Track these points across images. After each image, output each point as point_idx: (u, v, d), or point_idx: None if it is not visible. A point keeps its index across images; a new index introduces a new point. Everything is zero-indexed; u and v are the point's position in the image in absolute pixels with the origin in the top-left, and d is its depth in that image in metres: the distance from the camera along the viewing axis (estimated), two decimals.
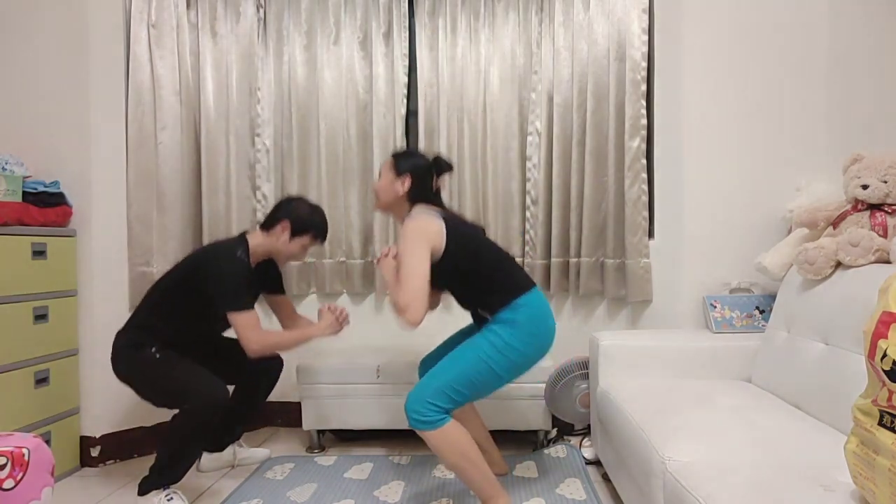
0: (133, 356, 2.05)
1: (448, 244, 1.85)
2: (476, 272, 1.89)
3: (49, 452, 1.28)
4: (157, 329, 2.06)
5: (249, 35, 2.79)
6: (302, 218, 2.15)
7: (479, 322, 1.99)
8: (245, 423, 2.38)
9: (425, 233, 1.84)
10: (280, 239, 2.14)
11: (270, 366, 2.31)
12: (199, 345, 2.17)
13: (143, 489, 1.98)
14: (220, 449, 2.37)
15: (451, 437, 1.77)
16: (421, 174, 1.99)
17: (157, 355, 2.03)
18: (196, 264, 2.06)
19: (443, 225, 1.87)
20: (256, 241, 2.15)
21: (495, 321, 1.86)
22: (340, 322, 2.17)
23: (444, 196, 2.08)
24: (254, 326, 1.99)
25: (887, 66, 2.03)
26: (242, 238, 2.14)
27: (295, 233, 2.14)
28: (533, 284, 1.93)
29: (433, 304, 2.10)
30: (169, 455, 1.96)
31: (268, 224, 2.16)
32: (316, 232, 2.19)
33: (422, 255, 1.80)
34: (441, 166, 2.04)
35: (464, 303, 2.03)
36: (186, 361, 2.03)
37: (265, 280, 2.29)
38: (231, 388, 2.25)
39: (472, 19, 2.77)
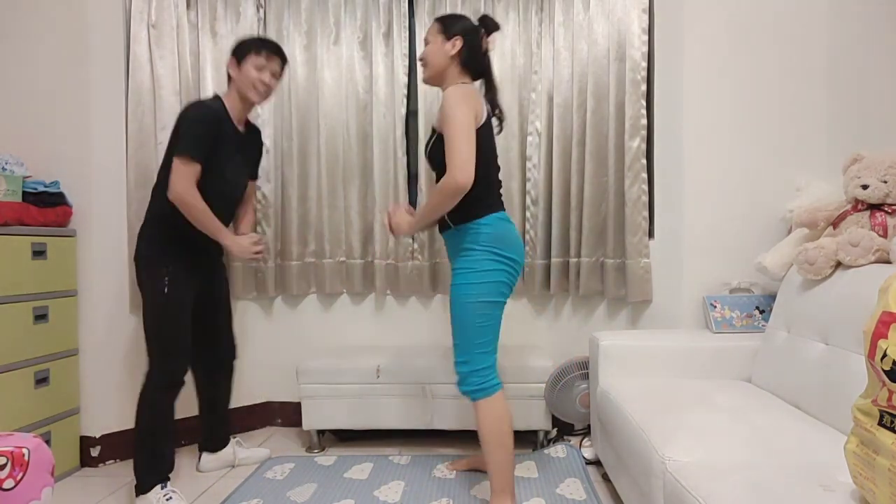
0: (149, 274, 2.06)
1: (480, 129, 1.83)
2: (477, 169, 1.82)
3: (49, 452, 1.28)
4: (171, 217, 2.04)
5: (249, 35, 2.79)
6: (241, 43, 2.16)
7: (441, 228, 1.97)
8: (218, 414, 2.38)
9: (470, 99, 1.80)
10: (235, 77, 2.14)
11: (225, 356, 2.36)
12: (205, 280, 2.21)
13: (139, 489, 1.99)
14: (217, 447, 2.38)
15: (501, 408, 1.84)
16: (472, 35, 1.94)
17: (166, 289, 2.04)
18: (175, 125, 2.07)
19: (486, 109, 1.86)
20: (228, 98, 2.17)
21: (459, 252, 1.87)
22: (253, 253, 2.16)
23: (491, 46, 2.03)
24: (187, 175, 1.98)
25: (887, 66, 2.03)
26: (216, 96, 2.18)
27: (239, 59, 2.14)
28: (500, 207, 1.92)
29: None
30: (144, 447, 2.01)
31: (228, 79, 2.19)
32: (255, 46, 2.15)
33: (469, 118, 1.76)
34: (489, 25, 1.98)
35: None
36: (179, 318, 2.06)
37: (249, 149, 2.29)
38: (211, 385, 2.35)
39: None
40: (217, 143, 2.06)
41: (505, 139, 2.75)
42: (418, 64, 2.74)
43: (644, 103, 2.56)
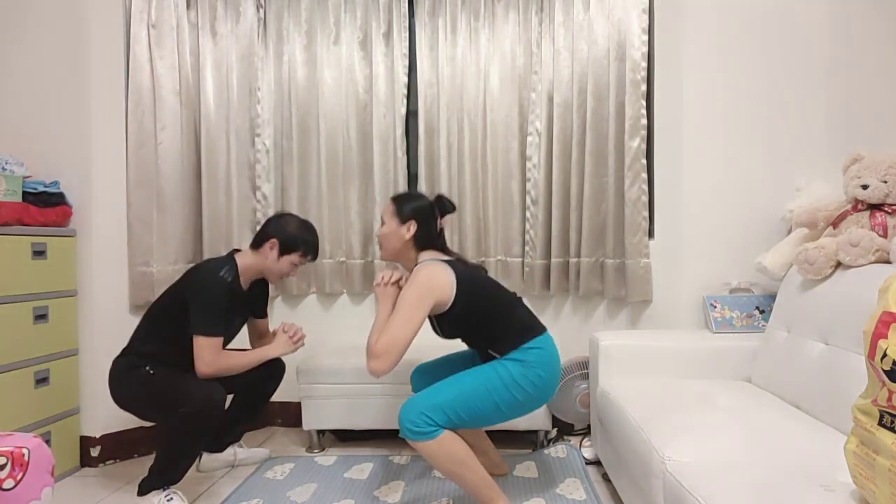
0: (128, 377, 2.04)
1: (457, 296, 1.85)
2: (485, 321, 1.88)
3: (49, 452, 1.28)
4: (153, 354, 2.04)
5: (249, 35, 2.79)
6: (290, 235, 2.13)
7: (487, 359, 1.95)
8: (246, 424, 2.38)
9: (435, 287, 1.82)
10: (269, 257, 2.12)
11: (274, 370, 2.30)
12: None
13: (143, 489, 1.98)
14: (221, 449, 2.37)
15: (444, 446, 1.75)
16: (425, 217, 1.97)
17: (152, 371, 2.01)
18: (183, 284, 2.06)
19: (453, 277, 1.86)
20: (246, 261, 2.13)
21: (506, 358, 1.85)
22: (295, 342, 2.18)
23: (446, 225, 2.07)
24: (213, 351, 1.98)
25: (887, 66, 2.03)
26: (231, 257, 2.12)
27: (283, 251, 2.12)
28: (544, 329, 1.92)
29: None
30: (168, 456, 1.96)
31: (257, 242, 2.15)
32: (305, 249, 2.17)
33: (422, 311, 1.80)
34: (444, 207, 2.02)
35: (474, 346, 2.03)
36: (179, 374, 2.00)
37: (253, 303, 2.28)
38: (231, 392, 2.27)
39: (472, 19, 2.77)
40: (225, 315, 2.05)
41: (505, 139, 2.75)
42: (420, 62, 2.75)
43: (644, 103, 2.56)
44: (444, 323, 1.93)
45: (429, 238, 1.98)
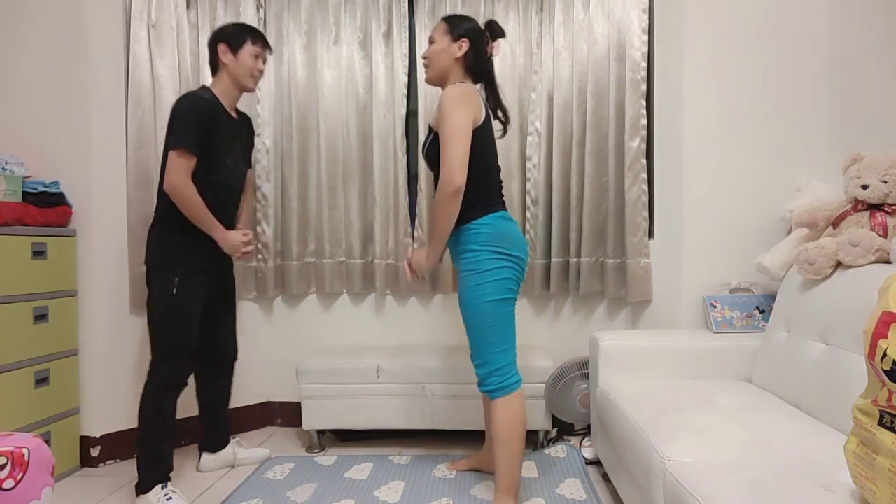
0: (159, 275, 2.06)
1: (479, 129, 1.83)
2: (473, 171, 1.83)
3: (49, 452, 1.27)
4: (177, 220, 2.04)
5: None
6: (230, 31, 2.15)
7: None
8: (218, 416, 2.38)
9: (471, 98, 1.80)
10: (229, 64, 2.13)
11: (225, 357, 2.35)
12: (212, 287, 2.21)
13: (140, 489, 1.99)
14: (218, 447, 2.38)
15: (516, 410, 1.83)
16: (478, 38, 1.93)
17: (175, 290, 2.04)
18: (169, 119, 2.06)
19: (485, 109, 1.85)
20: (217, 85, 2.16)
21: (461, 253, 1.88)
22: (243, 250, 2.16)
23: (496, 52, 2.04)
24: (181, 168, 1.98)
25: (887, 66, 2.03)
26: (203, 86, 2.16)
27: (234, 46, 2.13)
28: (501, 207, 1.92)
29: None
30: (146, 447, 2.01)
31: (212, 65, 2.18)
32: (251, 34, 2.16)
33: (466, 121, 1.76)
34: (495, 31, 1.97)
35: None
36: (187, 320, 2.06)
37: (243, 136, 2.28)
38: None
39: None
40: (214, 133, 2.06)
41: (505, 139, 2.75)
42: (420, 62, 2.75)
43: (644, 103, 2.56)
44: (435, 145, 1.88)
45: (478, 61, 1.94)
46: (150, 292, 2.08)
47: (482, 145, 1.86)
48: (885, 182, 1.76)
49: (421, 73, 2.79)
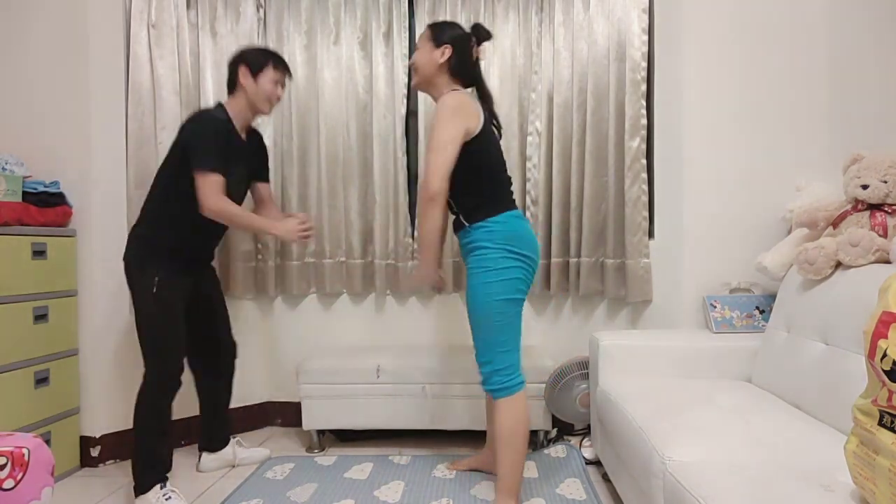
0: (138, 276, 2.05)
1: (480, 134, 1.83)
2: (480, 174, 1.86)
3: (49, 452, 1.28)
4: (165, 221, 2.05)
5: (249, 35, 2.79)
6: (254, 55, 2.16)
7: (456, 228, 1.97)
8: (220, 415, 2.38)
9: (465, 108, 1.81)
10: (248, 87, 2.14)
11: (225, 352, 2.36)
12: (196, 283, 2.19)
13: (139, 489, 1.99)
14: (218, 448, 2.38)
15: (519, 411, 1.84)
16: (461, 43, 1.94)
17: (155, 289, 2.02)
18: (179, 137, 2.06)
19: (482, 113, 1.85)
20: (232, 106, 2.16)
21: (471, 251, 1.87)
22: (303, 234, 2.14)
23: (482, 55, 2.04)
24: (214, 188, 1.98)
25: (887, 66, 2.03)
26: (218, 104, 2.16)
27: (255, 71, 2.13)
28: (513, 206, 1.92)
29: (442, 226, 2.06)
30: (143, 448, 2.00)
31: (230, 84, 2.17)
32: (273, 60, 2.17)
33: (455, 131, 1.78)
34: (480, 34, 1.98)
35: (450, 196, 1.95)
36: (171, 319, 2.04)
37: (252, 157, 2.29)
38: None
39: (472, 19, 2.77)
40: (224, 156, 2.06)
41: (505, 139, 2.74)
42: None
43: (644, 103, 2.56)
44: None
45: (463, 66, 1.95)
46: (132, 293, 2.07)
47: (485, 149, 1.87)
48: (885, 182, 1.76)
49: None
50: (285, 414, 2.93)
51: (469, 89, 2.00)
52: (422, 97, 2.79)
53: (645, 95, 2.56)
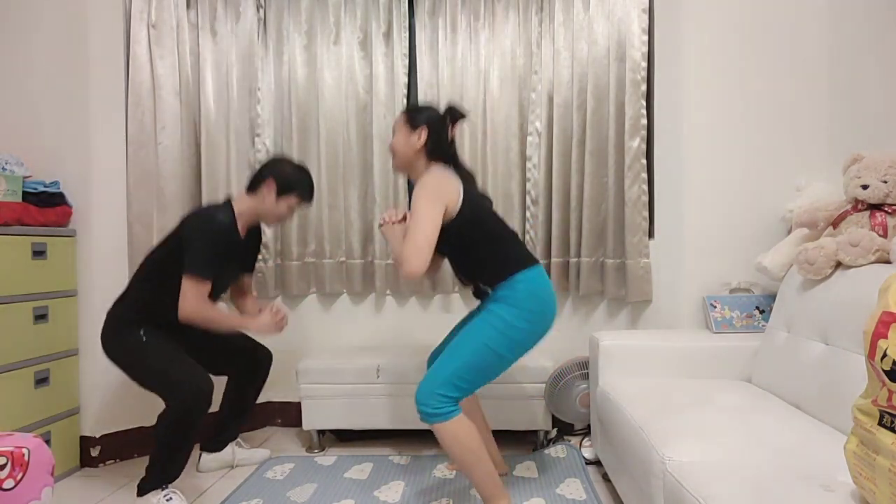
0: (121, 336, 2.04)
1: (462, 207, 1.84)
2: (481, 242, 1.87)
3: (49, 452, 1.28)
4: (149, 305, 2.04)
5: (249, 35, 2.79)
6: (288, 176, 2.13)
7: (479, 296, 1.98)
8: (239, 421, 2.38)
9: (443, 190, 1.82)
10: (266, 200, 2.12)
11: (261, 359, 2.34)
12: (189, 330, 2.12)
13: (142, 490, 1.98)
14: (219, 449, 2.37)
15: (460, 431, 1.77)
16: (437, 126, 1.95)
17: (145, 338, 2.01)
18: (179, 230, 2.05)
19: (461, 187, 1.86)
20: (242, 205, 2.13)
21: (494, 299, 1.85)
22: (278, 324, 2.15)
23: (457, 134, 2.05)
24: (198, 295, 1.97)
25: (888, 66, 2.03)
26: (227, 203, 2.12)
27: (281, 192, 2.12)
28: (535, 262, 1.91)
29: (434, 268, 2.11)
30: (163, 454, 1.97)
31: (253, 185, 2.15)
32: (301, 191, 2.16)
33: (434, 212, 1.78)
34: (455, 114, 2.00)
35: (463, 273, 2.00)
36: (172, 348, 2.01)
37: (246, 253, 2.27)
38: (219, 379, 2.26)
39: (472, 19, 2.77)
40: (219, 262, 2.05)
41: (505, 139, 2.76)
42: (420, 62, 2.77)
43: (644, 103, 2.56)
44: (440, 238, 1.88)
45: (439, 147, 1.96)
46: (120, 362, 2.04)
47: (476, 221, 1.87)
48: (885, 182, 1.76)
49: (421, 74, 2.80)
50: (285, 414, 2.93)
51: (449, 167, 1.98)
52: (422, 97, 2.79)
53: (645, 95, 2.56)
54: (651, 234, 2.61)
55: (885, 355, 0.98)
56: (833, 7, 2.29)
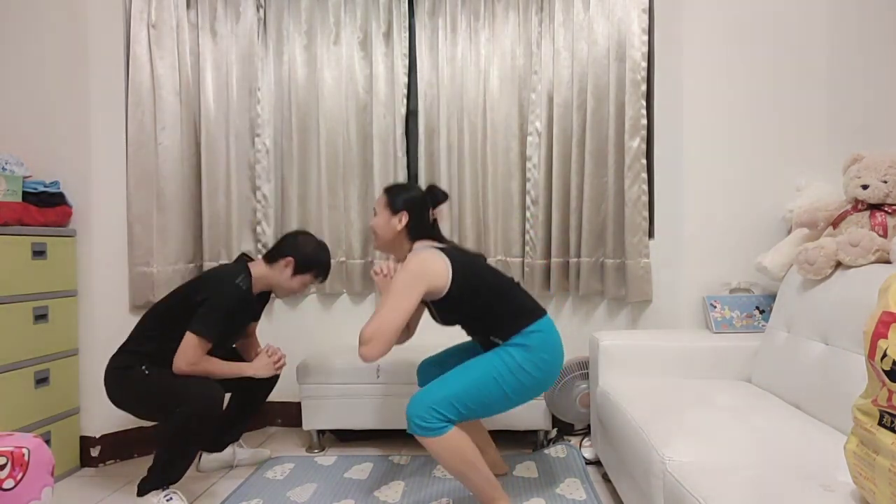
0: (122, 376, 2.05)
1: (453, 283, 1.83)
2: (484, 306, 1.88)
3: (49, 452, 1.28)
4: (151, 352, 2.05)
5: (249, 35, 2.79)
6: (307, 256, 2.17)
7: (489, 347, 1.94)
8: (244, 423, 2.38)
9: (426, 275, 1.81)
10: (283, 274, 2.16)
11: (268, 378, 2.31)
12: None
13: (143, 490, 1.98)
14: (220, 449, 2.37)
15: (452, 443, 1.75)
16: (417, 208, 1.96)
17: (147, 371, 2.02)
18: (196, 287, 2.07)
19: (448, 264, 1.84)
20: (259, 271, 2.16)
21: (508, 344, 1.85)
22: (275, 365, 2.18)
23: (443, 220, 2.07)
24: (198, 351, 1.99)
25: (887, 66, 2.03)
26: (245, 266, 2.15)
27: (298, 270, 2.16)
28: (544, 312, 1.92)
29: (406, 335, 2.11)
30: (166, 456, 1.96)
31: (272, 257, 2.17)
32: (318, 271, 2.21)
33: (409, 302, 1.77)
34: (436, 196, 2.01)
35: (474, 334, 2.03)
36: (171, 376, 2.00)
37: (258, 307, 2.30)
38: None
39: (472, 19, 2.77)
40: (228, 324, 2.07)
41: (505, 139, 2.75)
42: (420, 62, 2.76)
43: (644, 103, 2.56)
44: (441, 310, 1.92)
45: (421, 229, 1.97)
46: (129, 399, 2.05)
47: (473, 285, 1.86)
48: (885, 182, 1.76)
49: (421, 74, 2.80)
50: (285, 414, 2.93)
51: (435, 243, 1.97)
52: (422, 97, 2.80)
53: (645, 95, 2.56)
54: (651, 234, 2.61)
55: (885, 355, 0.98)
56: (833, 7, 2.29)
